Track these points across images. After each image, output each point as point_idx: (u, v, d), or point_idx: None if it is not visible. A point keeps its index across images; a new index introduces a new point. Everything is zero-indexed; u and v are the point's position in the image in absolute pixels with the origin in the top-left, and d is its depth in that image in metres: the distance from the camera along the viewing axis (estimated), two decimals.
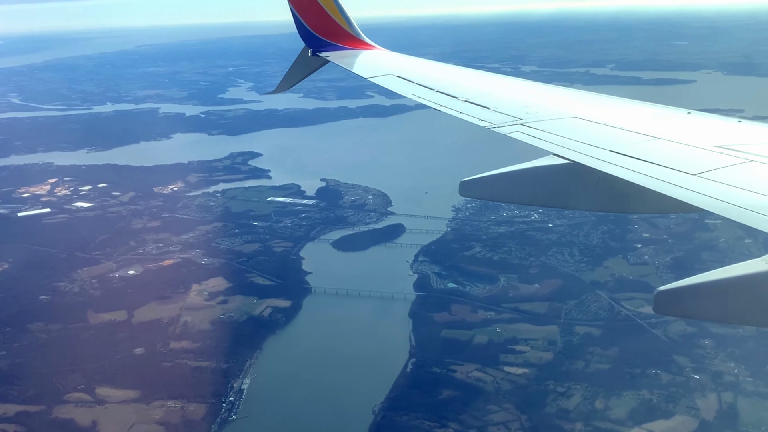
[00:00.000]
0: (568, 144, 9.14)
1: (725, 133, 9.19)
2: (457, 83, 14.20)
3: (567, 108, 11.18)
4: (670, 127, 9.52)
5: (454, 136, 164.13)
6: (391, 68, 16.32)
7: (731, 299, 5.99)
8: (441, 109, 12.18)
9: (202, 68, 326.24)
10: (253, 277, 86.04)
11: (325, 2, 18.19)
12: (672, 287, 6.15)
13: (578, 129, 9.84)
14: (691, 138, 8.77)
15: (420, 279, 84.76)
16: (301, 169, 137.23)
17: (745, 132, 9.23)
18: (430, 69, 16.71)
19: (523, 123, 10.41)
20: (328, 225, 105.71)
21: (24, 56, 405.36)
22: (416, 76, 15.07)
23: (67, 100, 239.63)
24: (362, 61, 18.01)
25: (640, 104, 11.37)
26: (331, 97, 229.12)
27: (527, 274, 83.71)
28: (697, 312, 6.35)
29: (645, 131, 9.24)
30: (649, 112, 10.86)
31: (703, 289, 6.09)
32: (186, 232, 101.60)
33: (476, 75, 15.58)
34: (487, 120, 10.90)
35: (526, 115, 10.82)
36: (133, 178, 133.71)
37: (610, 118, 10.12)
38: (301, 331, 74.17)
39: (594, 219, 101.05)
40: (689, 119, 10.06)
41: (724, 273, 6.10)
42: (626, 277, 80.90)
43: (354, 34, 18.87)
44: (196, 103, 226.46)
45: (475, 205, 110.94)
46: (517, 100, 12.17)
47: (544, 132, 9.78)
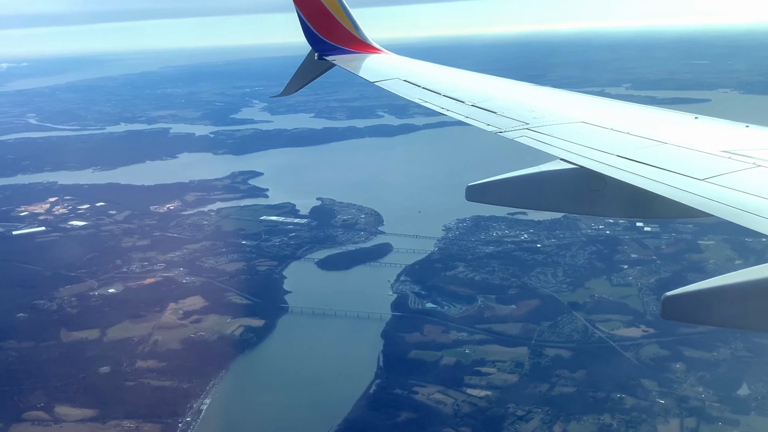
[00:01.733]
0: (575, 149, 9.07)
1: (732, 138, 9.09)
2: (464, 87, 14.11)
3: (574, 113, 11.15)
4: (678, 132, 9.43)
5: (456, 155, 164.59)
6: (398, 72, 16.16)
7: (738, 305, 5.94)
8: (447, 114, 12.16)
9: (219, 89, 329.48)
10: (231, 296, 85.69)
11: (332, 6, 18.21)
12: (679, 293, 5.99)
13: (585, 134, 9.76)
14: (699, 143, 8.69)
15: (398, 299, 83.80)
16: (299, 188, 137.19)
17: (752, 137, 9.06)
18: (436, 73, 16.60)
19: (530, 128, 10.30)
20: (316, 244, 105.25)
21: (48, 78, 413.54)
22: (423, 80, 14.99)
23: (82, 121, 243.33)
24: (369, 65, 17.95)
25: (647, 109, 11.35)
26: (341, 117, 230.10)
27: (506, 294, 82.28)
28: (703, 317, 6.16)
29: (652, 136, 9.17)
30: (656, 117, 10.86)
31: (709, 295, 5.97)
32: (173, 250, 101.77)
33: (483, 79, 15.40)
34: (493, 125, 10.80)
35: (533, 119, 10.72)
36: (132, 197, 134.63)
37: (617, 123, 10.06)
38: (271, 351, 73.48)
39: (584, 239, 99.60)
40: (696, 124, 9.97)
41: (730, 278, 5.99)
42: (606, 299, 79.08)
43: (361, 38, 18.82)
44: (208, 123, 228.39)
45: (466, 224, 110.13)
46: (524, 104, 12.11)
47: (550, 137, 9.70)
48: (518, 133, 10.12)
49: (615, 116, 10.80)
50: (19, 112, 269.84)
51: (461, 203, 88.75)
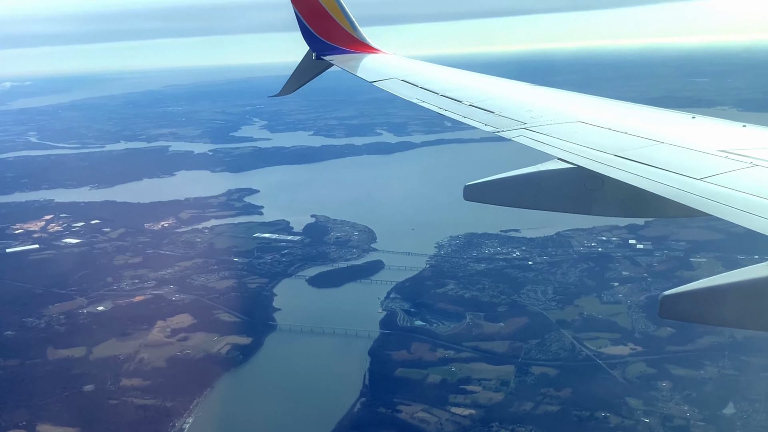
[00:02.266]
0: (572, 148, 9.07)
1: (730, 137, 9.09)
2: (462, 87, 14.09)
3: (571, 112, 11.17)
4: (675, 132, 9.46)
5: (452, 173, 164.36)
6: (396, 72, 16.11)
7: (735, 304, 5.96)
8: (445, 114, 12.13)
9: (220, 107, 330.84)
10: (219, 314, 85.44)
11: (330, 6, 18.19)
12: (677, 292, 6.07)
13: (583, 133, 9.76)
14: (696, 142, 8.71)
15: (388, 316, 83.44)
16: (294, 205, 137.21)
17: (749, 136, 9.07)
18: (434, 73, 16.49)
19: (528, 127, 10.31)
20: (308, 261, 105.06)
21: (51, 96, 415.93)
22: (421, 79, 14.95)
23: (82, 139, 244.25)
24: (366, 64, 17.88)
25: (644, 108, 11.32)
26: (339, 135, 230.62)
27: (495, 312, 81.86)
28: (701, 316, 6.19)
29: (649, 135, 9.19)
30: (653, 117, 10.83)
31: (707, 294, 6.03)
32: (165, 268, 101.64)
33: (481, 79, 15.32)
34: (491, 124, 10.82)
35: (531, 119, 10.72)
36: (128, 214, 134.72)
37: (614, 123, 10.10)
38: (256, 369, 73.15)
39: (576, 257, 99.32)
40: (694, 123, 9.97)
41: (728, 278, 6.00)
42: (595, 317, 78.60)
43: (358, 38, 18.78)
44: (207, 141, 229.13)
45: (459, 241, 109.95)
46: (522, 104, 12.07)
47: (548, 136, 9.71)
48: (516, 133, 10.17)
49: (612, 116, 10.85)
50: (21, 130, 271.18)
51: (455, 220, 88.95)
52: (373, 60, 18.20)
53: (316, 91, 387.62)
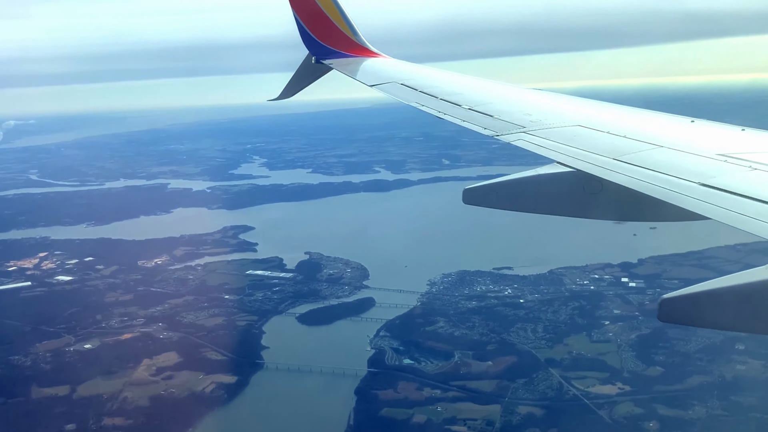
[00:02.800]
0: (571, 152, 9.11)
1: (729, 141, 9.07)
2: (461, 91, 14.07)
3: (570, 116, 11.21)
4: (674, 135, 9.50)
5: (447, 210, 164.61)
6: (395, 76, 16.15)
7: (735, 307, 5.96)
8: (444, 117, 12.20)
9: (222, 145, 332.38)
10: (206, 352, 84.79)
11: (329, 9, 18.22)
12: (676, 295, 6.08)
13: (581, 137, 9.82)
14: (695, 146, 8.71)
15: (376, 354, 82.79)
16: (289, 242, 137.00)
17: (749, 140, 9.08)
18: (434, 77, 16.49)
19: (526, 131, 10.39)
20: (299, 298, 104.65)
21: (54, 135, 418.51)
22: (420, 83, 14.99)
23: (82, 177, 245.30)
24: (366, 68, 17.89)
25: (643, 112, 11.35)
26: (337, 172, 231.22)
27: (484, 350, 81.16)
28: (700, 320, 6.21)
29: (648, 139, 9.19)
30: (652, 120, 10.84)
31: (706, 298, 6.02)
32: (155, 305, 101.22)
33: (480, 83, 15.32)
34: (490, 128, 10.89)
35: (530, 123, 10.78)
36: (122, 251, 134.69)
37: (613, 126, 10.09)
38: (241, 409, 72.25)
39: (567, 294, 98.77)
40: (693, 127, 10.00)
41: (727, 281, 6.02)
42: (584, 355, 77.82)
43: (358, 42, 18.80)
44: (206, 178, 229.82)
45: (451, 279, 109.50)
46: (521, 108, 12.11)
47: (547, 140, 9.77)
48: (515, 137, 10.22)
49: (611, 119, 10.86)
50: (22, 168, 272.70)
51: (448, 258, 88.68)
52: (373, 64, 18.26)
53: (316, 130, 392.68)
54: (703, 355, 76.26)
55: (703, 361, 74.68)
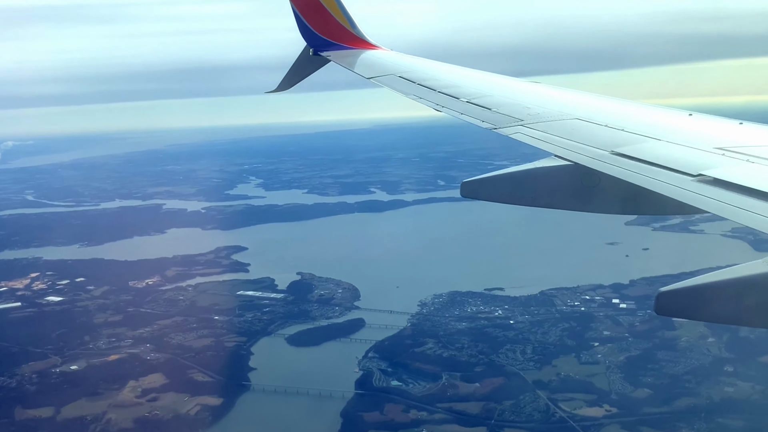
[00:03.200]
0: (569, 145, 9.11)
1: (726, 134, 9.09)
2: (459, 84, 13.96)
3: (568, 109, 11.13)
4: (672, 129, 9.47)
5: (440, 230, 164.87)
6: (393, 68, 16.09)
7: (732, 301, 5.95)
8: (442, 110, 12.10)
9: (219, 166, 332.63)
10: (193, 374, 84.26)
11: (327, 1, 18.07)
12: (673, 288, 6.06)
13: (580, 130, 9.80)
14: (693, 139, 8.67)
15: (364, 376, 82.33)
16: (281, 263, 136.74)
17: (746, 134, 9.06)
18: (432, 69, 16.29)
19: (524, 124, 10.35)
20: (289, 320, 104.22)
21: (52, 155, 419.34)
22: (418, 76, 14.92)
23: (78, 197, 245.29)
24: (364, 60, 17.72)
25: (641, 106, 11.33)
26: (333, 193, 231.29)
27: (472, 372, 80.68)
28: (697, 313, 6.25)
29: (646, 133, 9.16)
30: (650, 114, 10.76)
31: (704, 291, 6.03)
32: (143, 326, 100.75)
33: (478, 75, 15.19)
34: (488, 121, 10.84)
35: (528, 116, 10.76)
36: (114, 272, 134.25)
37: (611, 120, 10.06)
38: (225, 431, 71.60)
39: (558, 316, 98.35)
40: (690, 121, 9.97)
41: (725, 275, 6.01)
42: (572, 377, 77.36)
43: (356, 34, 18.62)
44: (202, 199, 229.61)
45: (442, 300, 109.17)
46: (519, 101, 12.07)
47: (545, 133, 9.77)
48: (513, 130, 10.18)
49: (609, 113, 10.79)
50: (19, 188, 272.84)
51: (440, 278, 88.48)
52: (371, 56, 18.09)
53: (314, 151, 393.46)
54: (692, 377, 75.83)
55: (692, 383, 74.23)
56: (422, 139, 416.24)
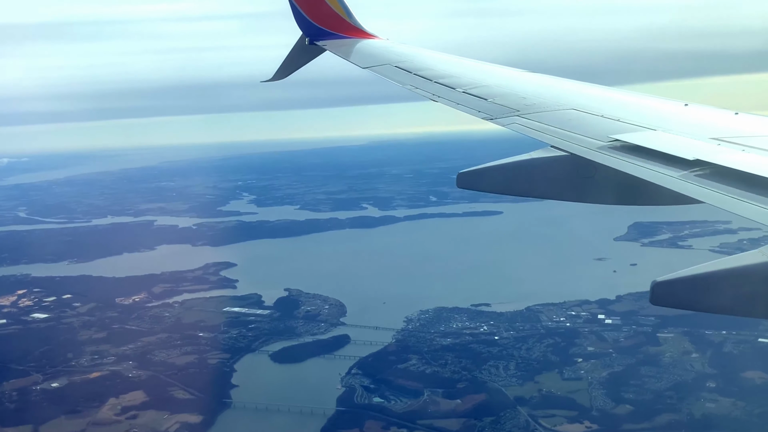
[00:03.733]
0: (565, 136, 9.13)
1: (722, 125, 9.09)
2: (456, 74, 13.93)
3: (565, 99, 11.15)
4: (667, 119, 9.51)
5: (429, 246, 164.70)
6: (390, 58, 15.97)
7: (728, 291, 5.92)
8: (438, 101, 12.04)
9: (213, 182, 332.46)
10: (174, 391, 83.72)
11: None
12: (668, 278, 5.97)
13: (576, 121, 9.82)
14: (688, 130, 8.72)
15: (346, 393, 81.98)
16: (269, 279, 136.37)
17: (742, 124, 9.08)
18: (428, 59, 16.22)
19: (521, 114, 10.39)
20: (273, 336, 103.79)
21: (47, 172, 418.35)
22: (414, 66, 14.88)
23: (71, 214, 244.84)
24: (360, 50, 17.67)
25: (637, 95, 11.38)
26: (325, 209, 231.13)
27: (454, 388, 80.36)
28: (693, 304, 6.16)
29: (642, 123, 9.19)
30: (645, 104, 10.80)
31: (699, 281, 5.96)
32: (127, 343, 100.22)
33: (475, 65, 15.12)
34: (484, 111, 10.89)
35: (524, 106, 10.77)
36: (101, 289, 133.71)
37: (607, 110, 10.08)
38: None
39: (543, 332, 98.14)
40: (686, 111, 10.00)
41: (721, 265, 5.98)
42: (554, 393, 77.05)
43: (352, 23, 18.59)
44: (194, 215, 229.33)
45: (428, 315, 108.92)
46: (516, 91, 12.04)
47: (541, 123, 9.79)
48: (509, 120, 10.21)
49: (605, 103, 10.86)
50: (12, 205, 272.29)
51: (427, 294, 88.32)
52: (367, 46, 18.05)
53: (308, 167, 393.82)
54: (674, 392, 75.55)
55: (673, 399, 73.95)
56: (417, 155, 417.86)
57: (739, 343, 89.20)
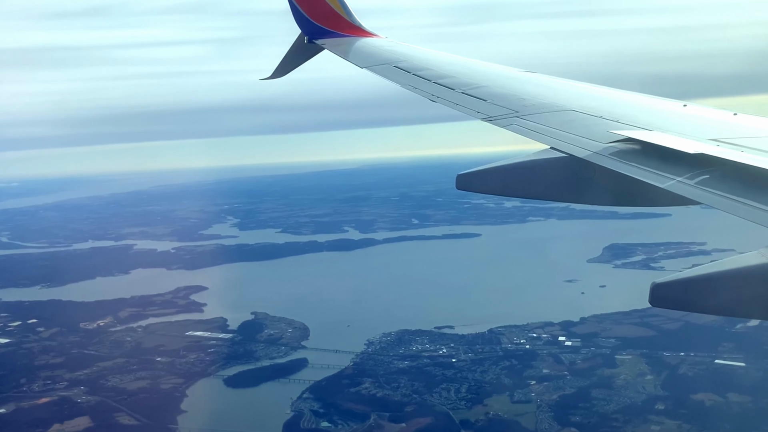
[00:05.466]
0: (564, 137, 9.12)
1: (721, 125, 9.08)
2: (455, 74, 13.84)
3: (564, 100, 11.10)
4: (666, 120, 9.51)
5: (403, 270, 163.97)
6: (389, 57, 15.83)
7: (726, 292, 5.90)
8: (437, 101, 12.07)
9: (200, 206, 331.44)
10: (120, 417, 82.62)
11: None
12: (668, 280, 5.99)
13: (575, 122, 9.79)
14: (687, 131, 8.70)
15: (294, 418, 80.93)
16: (239, 302, 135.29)
17: (740, 125, 9.02)
18: (428, 58, 16.00)
19: (520, 116, 10.39)
20: (231, 360, 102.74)
21: (36, 197, 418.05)
22: (413, 65, 14.75)
23: (53, 239, 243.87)
24: (359, 49, 17.46)
25: (635, 96, 11.31)
26: (306, 232, 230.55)
27: (401, 412, 79.36)
28: (691, 305, 6.14)
29: (641, 124, 9.14)
30: (644, 104, 10.79)
31: (698, 283, 5.97)
32: (83, 368, 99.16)
33: (474, 65, 14.99)
34: (483, 112, 10.89)
35: (523, 107, 10.79)
36: (68, 313, 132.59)
37: (606, 111, 10.06)
38: None
39: (501, 354, 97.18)
40: (685, 111, 10.00)
41: (719, 266, 6.00)
42: (500, 416, 76.09)
43: (351, 21, 18.36)
44: (174, 239, 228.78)
45: (390, 338, 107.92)
46: (515, 92, 12.00)
47: (540, 125, 9.78)
48: (508, 121, 10.22)
49: (604, 103, 10.83)
50: None
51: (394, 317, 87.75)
52: (366, 44, 17.84)
53: (297, 190, 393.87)
54: (621, 415, 74.56)
55: (619, 422, 72.94)
56: (407, 178, 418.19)
57: (695, 364, 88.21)
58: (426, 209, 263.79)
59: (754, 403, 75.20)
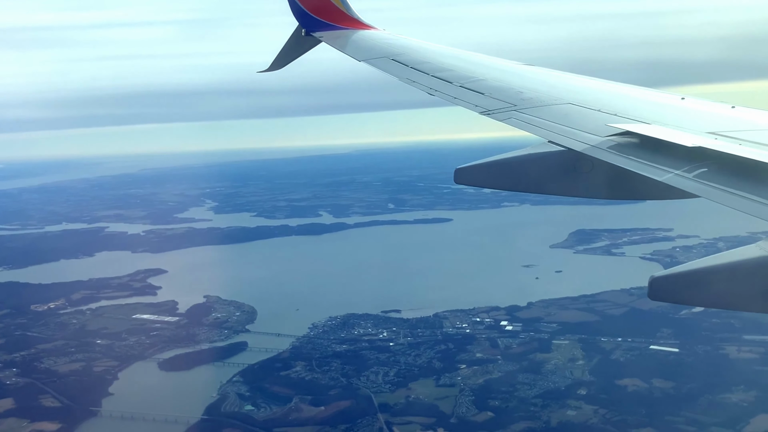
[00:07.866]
0: (562, 131, 9.07)
1: (719, 119, 9.02)
2: (453, 67, 13.70)
3: (562, 93, 11.10)
4: (664, 113, 9.48)
5: (367, 254, 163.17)
6: (386, 50, 15.70)
7: (725, 285, 5.92)
8: (434, 95, 12.01)
9: (181, 190, 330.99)
10: (45, 399, 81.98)
11: None
12: (666, 274, 6.00)
13: (573, 115, 9.71)
14: (685, 124, 8.64)
15: (218, 401, 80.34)
16: (193, 285, 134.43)
17: (738, 118, 8.97)
18: (426, 51, 15.78)
19: (518, 109, 10.33)
20: (171, 343, 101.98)
21: (22, 180, 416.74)
22: (411, 58, 14.61)
23: (26, 221, 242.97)
24: (356, 42, 17.28)
25: (633, 89, 11.26)
26: (279, 216, 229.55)
27: (324, 395, 78.76)
28: (690, 298, 6.18)
29: (639, 117, 9.08)
30: (643, 98, 10.75)
31: (696, 276, 5.98)
32: (21, 350, 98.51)
33: (473, 58, 14.81)
34: (481, 106, 10.82)
35: (521, 101, 10.70)
36: (21, 295, 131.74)
37: (604, 104, 10.03)
38: None
39: (440, 338, 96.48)
40: (683, 104, 9.89)
41: (718, 259, 6.03)
42: (421, 400, 75.46)
43: (349, 14, 18.18)
44: (148, 222, 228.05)
45: (335, 322, 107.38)
46: (513, 85, 11.89)
47: (538, 118, 9.74)
48: (505, 115, 10.18)
49: (602, 96, 10.83)
50: None
51: (345, 301, 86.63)
52: (364, 37, 17.60)
53: (282, 175, 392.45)
54: (540, 400, 73.84)
55: (537, 407, 72.19)
56: (395, 163, 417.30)
57: (629, 350, 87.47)
58: (405, 194, 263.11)
59: (675, 389, 74.50)
